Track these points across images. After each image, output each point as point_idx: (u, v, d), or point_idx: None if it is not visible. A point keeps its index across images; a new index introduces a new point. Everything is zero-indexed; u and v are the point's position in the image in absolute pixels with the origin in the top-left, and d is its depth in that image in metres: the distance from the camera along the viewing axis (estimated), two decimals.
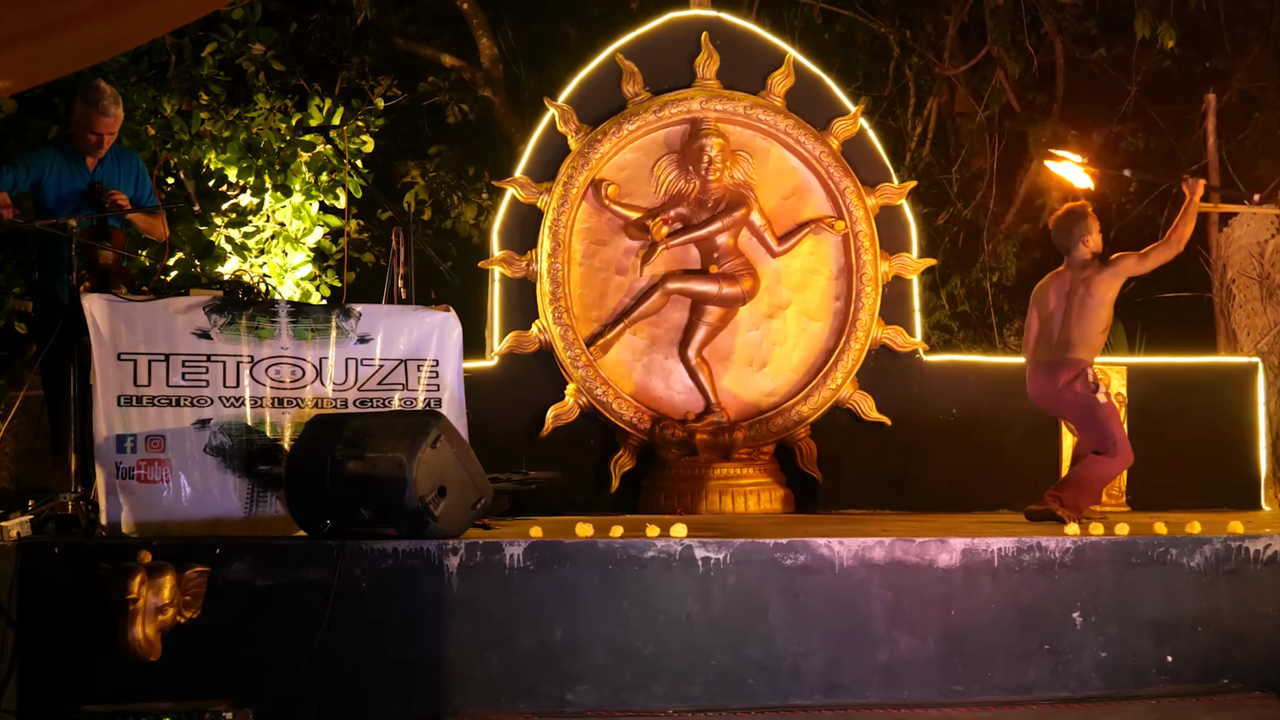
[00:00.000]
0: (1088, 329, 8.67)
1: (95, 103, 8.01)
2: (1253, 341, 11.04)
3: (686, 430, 10.17)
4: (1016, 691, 6.64)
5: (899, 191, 10.74)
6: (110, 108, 8.03)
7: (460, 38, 15.26)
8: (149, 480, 7.00)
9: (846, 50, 15.27)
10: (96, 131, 8.04)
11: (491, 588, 6.39)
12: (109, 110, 8.03)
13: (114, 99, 8.07)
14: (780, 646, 6.55)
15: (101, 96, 8.02)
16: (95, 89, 8.07)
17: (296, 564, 6.30)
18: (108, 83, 8.43)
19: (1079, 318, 8.68)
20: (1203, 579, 6.87)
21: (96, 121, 8.02)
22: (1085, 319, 8.67)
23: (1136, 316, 9.74)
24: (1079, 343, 8.66)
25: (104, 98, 8.02)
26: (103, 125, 8.03)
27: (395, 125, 14.41)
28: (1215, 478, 10.46)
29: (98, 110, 8.01)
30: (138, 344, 7.06)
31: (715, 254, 10.38)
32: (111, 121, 8.06)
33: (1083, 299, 8.67)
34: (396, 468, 6.36)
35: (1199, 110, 12.53)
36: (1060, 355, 8.68)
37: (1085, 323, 8.67)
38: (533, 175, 10.36)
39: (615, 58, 10.48)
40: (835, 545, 6.63)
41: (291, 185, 11.39)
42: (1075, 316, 8.68)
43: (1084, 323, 8.67)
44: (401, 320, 7.61)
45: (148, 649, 5.91)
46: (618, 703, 6.40)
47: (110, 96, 8.05)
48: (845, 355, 10.43)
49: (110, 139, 8.12)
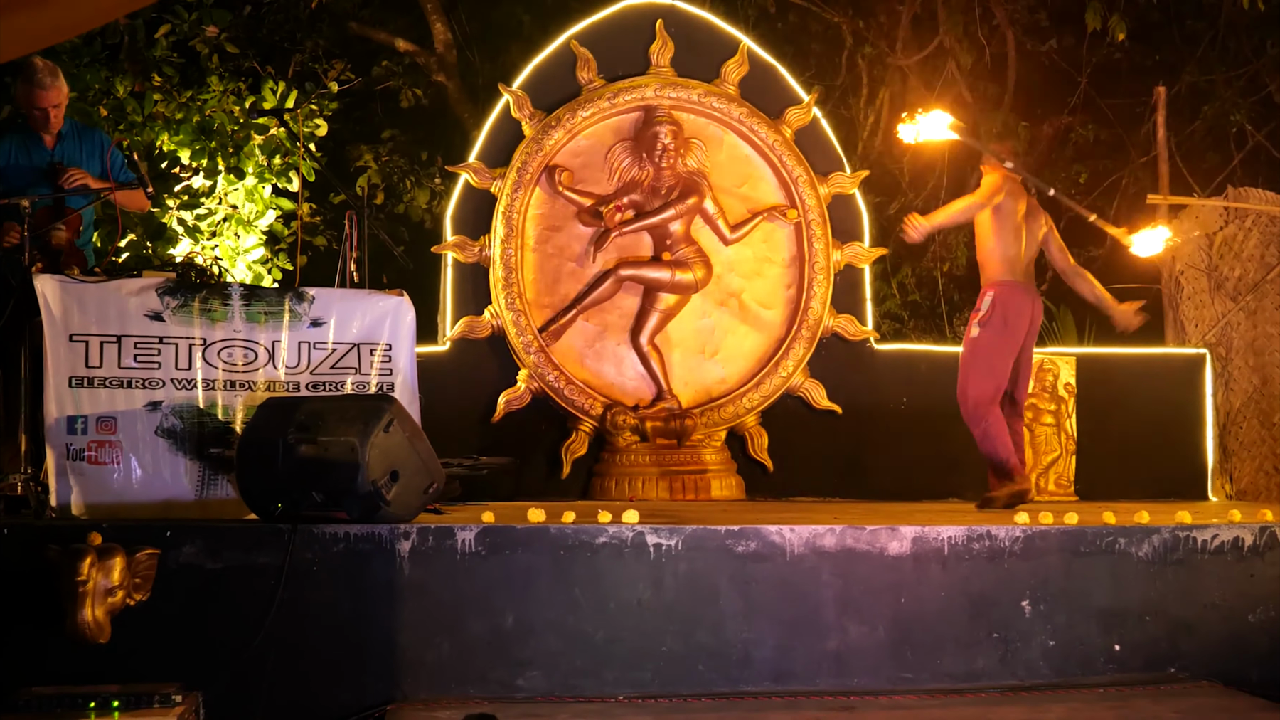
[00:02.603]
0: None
1: (30, 78, 7.96)
2: (1200, 333, 11.13)
3: (638, 417, 10.19)
4: (965, 679, 6.66)
5: (851, 180, 10.78)
6: (45, 80, 7.96)
7: (414, 22, 15.24)
8: (99, 462, 6.96)
9: (800, 39, 15.34)
10: (40, 107, 7.99)
11: (443, 573, 6.37)
12: (44, 83, 7.96)
13: (49, 71, 7.99)
14: (731, 633, 6.56)
15: (35, 71, 7.96)
16: (29, 66, 8.00)
17: (247, 547, 6.27)
18: (57, 62, 8.37)
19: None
20: (1150, 568, 6.91)
21: (37, 96, 7.96)
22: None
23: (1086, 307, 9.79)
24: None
25: (38, 72, 7.95)
26: (44, 99, 7.97)
27: (349, 109, 14.40)
28: (1163, 468, 10.56)
29: (34, 85, 7.95)
30: (90, 325, 7.01)
31: (668, 241, 10.40)
32: (52, 94, 7.99)
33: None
34: (349, 452, 6.34)
35: (1149, 103, 12.62)
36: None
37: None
38: (486, 161, 10.35)
39: (570, 44, 10.49)
40: (786, 532, 6.64)
41: (244, 168, 11.37)
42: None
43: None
44: (354, 304, 7.58)
45: (97, 631, 5.87)
46: (568, 688, 6.39)
47: (45, 70, 7.97)
48: (796, 343, 10.46)
49: (57, 112, 8.05)
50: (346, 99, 13.73)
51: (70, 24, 7.60)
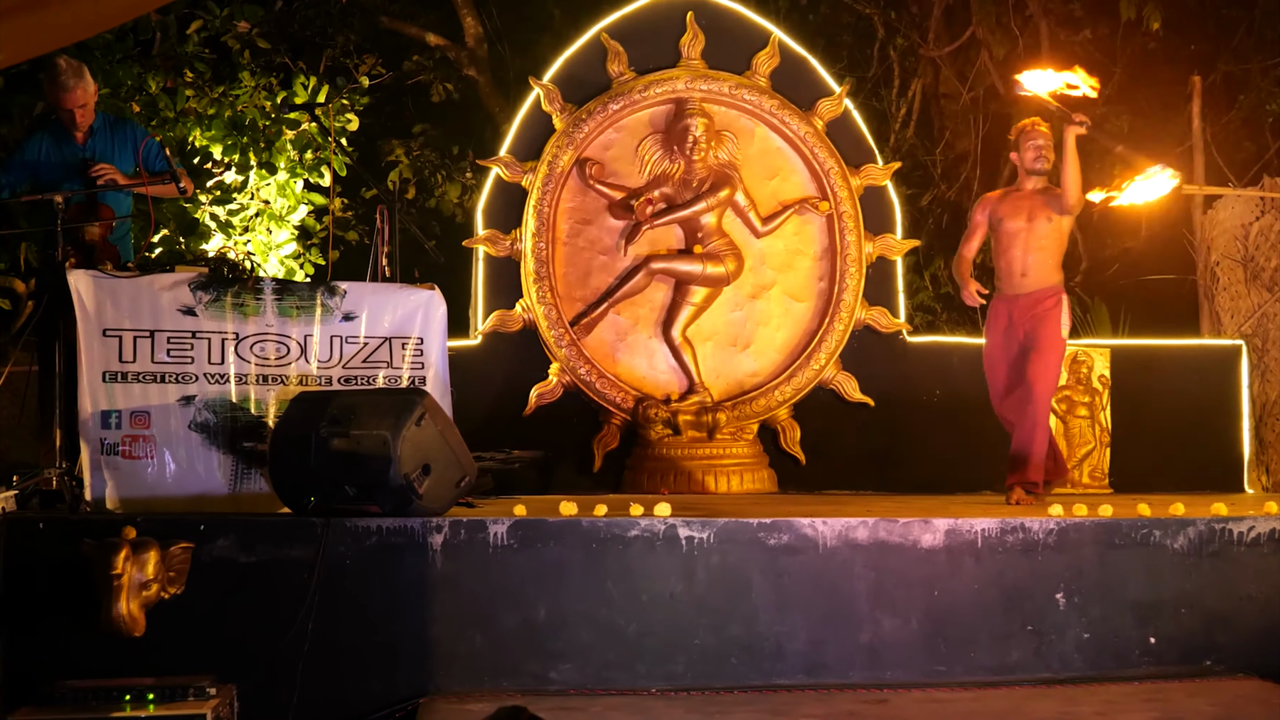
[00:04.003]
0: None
1: (54, 79, 7.99)
2: (1237, 324, 11.06)
3: (670, 410, 10.17)
4: (999, 672, 6.64)
5: (883, 172, 10.74)
6: (69, 80, 7.98)
7: (445, 16, 15.24)
8: (134, 456, 7.00)
9: (831, 31, 15.29)
10: (65, 107, 8.03)
11: (475, 566, 6.38)
12: (68, 84, 7.98)
13: (74, 71, 8.00)
14: (763, 626, 6.55)
15: (59, 73, 7.97)
16: (53, 67, 8.01)
17: (280, 541, 6.29)
18: (88, 59, 8.39)
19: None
20: (1186, 561, 6.88)
21: (63, 98, 8.00)
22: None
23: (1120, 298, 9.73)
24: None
25: (62, 73, 7.97)
26: (69, 100, 8.00)
27: (380, 104, 14.41)
28: (1199, 460, 10.47)
29: (58, 87, 7.98)
30: (123, 320, 7.05)
31: (699, 234, 10.38)
32: (76, 94, 8.01)
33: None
34: (381, 445, 6.35)
35: (1184, 92, 12.54)
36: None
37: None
38: (517, 154, 10.35)
39: (600, 37, 10.47)
40: (819, 525, 6.63)
41: (276, 163, 11.39)
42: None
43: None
44: (386, 298, 7.59)
45: (131, 625, 5.89)
46: (601, 681, 6.39)
47: (68, 70, 7.98)
48: (829, 336, 10.43)
49: (84, 111, 8.07)
50: (378, 94, 13.74)
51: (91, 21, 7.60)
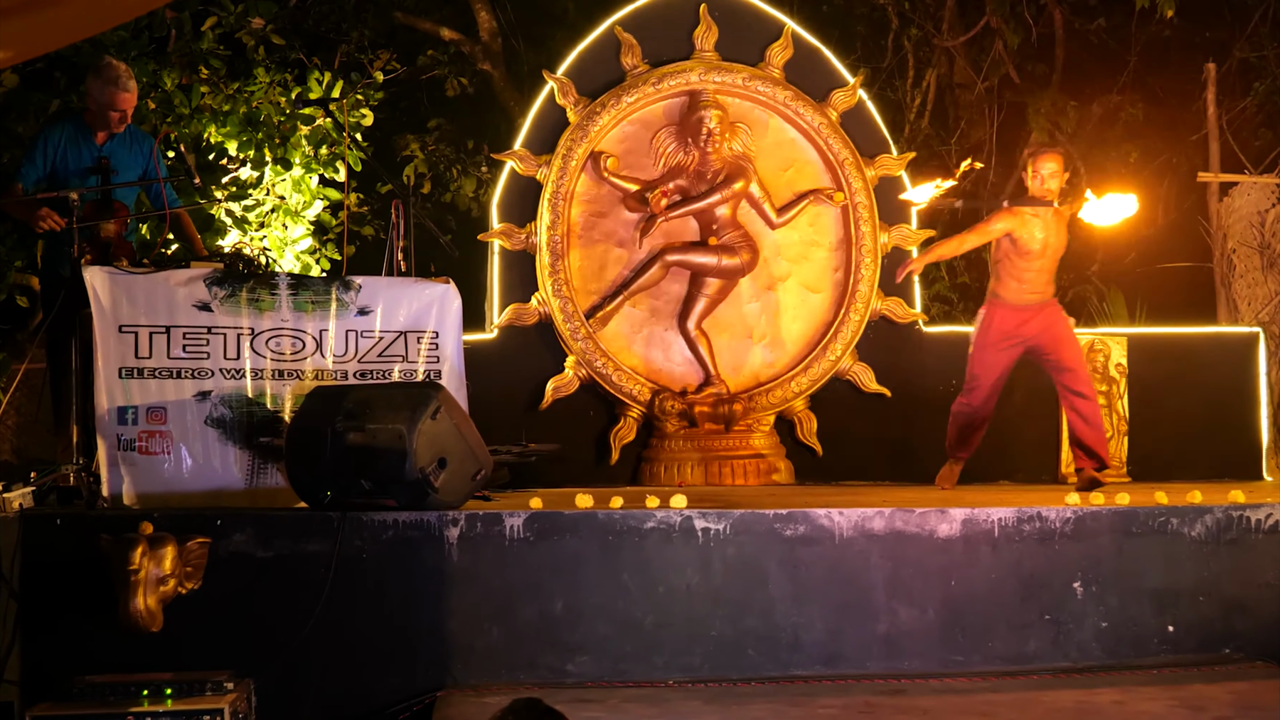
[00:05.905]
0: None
1: (115, 80, 7.99)
2: (1254, 311, 11.04)
3: (686, 402, 10.17)
4: (1017, 662, 6.64)
5: (898, 163, 10.73)
6: (129, 83, 8.04)
7: (459, 11, 15.25)
8: (150, 452, 7.00)
9: (845, 21, 15.25)
10: (119, 108, 8.03)
11: (491, 559, 6.39)
12: (128, 85, 8.04)
13: (130, 74, 8.09)
14: (780, 617, 6.55)
15: (120, 74, 8.01)
16: (111, 66, 8.04)
17: (297, 535, 6.30)
18: (111, 57, 8.42)
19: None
20: (1204, 548, 6.87)
21: (120, 99, 8.01)
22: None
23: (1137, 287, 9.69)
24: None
25: (122, 74, 8.02)
26: (125, 101, 8.03)
27: (394, 99, 14.41)
28: (1216, 448, 10.46)
29: (118, 87, 7.99)
30: (139, 316, 7.05)
31: (714, 226, 10.37)
32: (131, 97, 8.07)
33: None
34: (397, 439, 6.36)
35: (1199, 80, 12.52)
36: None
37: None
38: (532, 148, 10.35)
39: (614, 30, 10.47)
40: (835, 516, 6.63)
41: (291, 159, 11.39)
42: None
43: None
44: (401, 292, 7.59)
45: (149, 620, 5.91)
46: (618, 673, 6.40)
47: (127, 72, 8.06)
48: (845, 327, 10.43)
49: (127, 116, 8.11)
50: (392, 89, 13.74)
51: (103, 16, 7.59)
